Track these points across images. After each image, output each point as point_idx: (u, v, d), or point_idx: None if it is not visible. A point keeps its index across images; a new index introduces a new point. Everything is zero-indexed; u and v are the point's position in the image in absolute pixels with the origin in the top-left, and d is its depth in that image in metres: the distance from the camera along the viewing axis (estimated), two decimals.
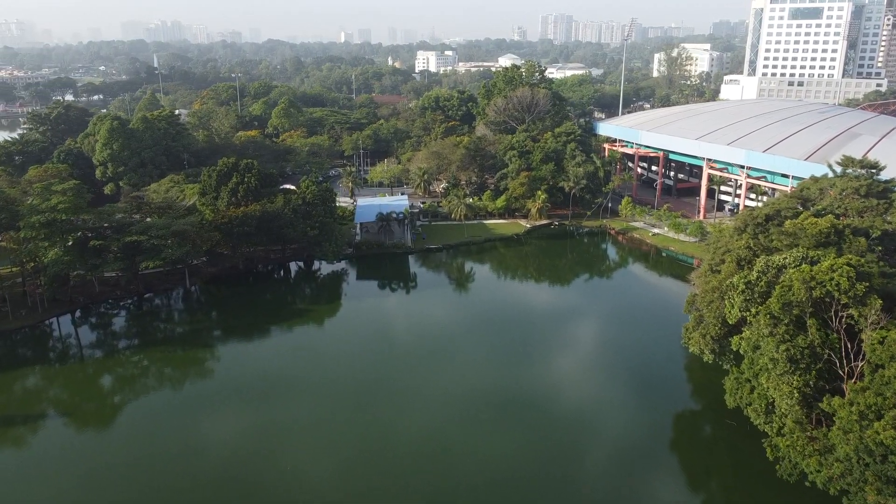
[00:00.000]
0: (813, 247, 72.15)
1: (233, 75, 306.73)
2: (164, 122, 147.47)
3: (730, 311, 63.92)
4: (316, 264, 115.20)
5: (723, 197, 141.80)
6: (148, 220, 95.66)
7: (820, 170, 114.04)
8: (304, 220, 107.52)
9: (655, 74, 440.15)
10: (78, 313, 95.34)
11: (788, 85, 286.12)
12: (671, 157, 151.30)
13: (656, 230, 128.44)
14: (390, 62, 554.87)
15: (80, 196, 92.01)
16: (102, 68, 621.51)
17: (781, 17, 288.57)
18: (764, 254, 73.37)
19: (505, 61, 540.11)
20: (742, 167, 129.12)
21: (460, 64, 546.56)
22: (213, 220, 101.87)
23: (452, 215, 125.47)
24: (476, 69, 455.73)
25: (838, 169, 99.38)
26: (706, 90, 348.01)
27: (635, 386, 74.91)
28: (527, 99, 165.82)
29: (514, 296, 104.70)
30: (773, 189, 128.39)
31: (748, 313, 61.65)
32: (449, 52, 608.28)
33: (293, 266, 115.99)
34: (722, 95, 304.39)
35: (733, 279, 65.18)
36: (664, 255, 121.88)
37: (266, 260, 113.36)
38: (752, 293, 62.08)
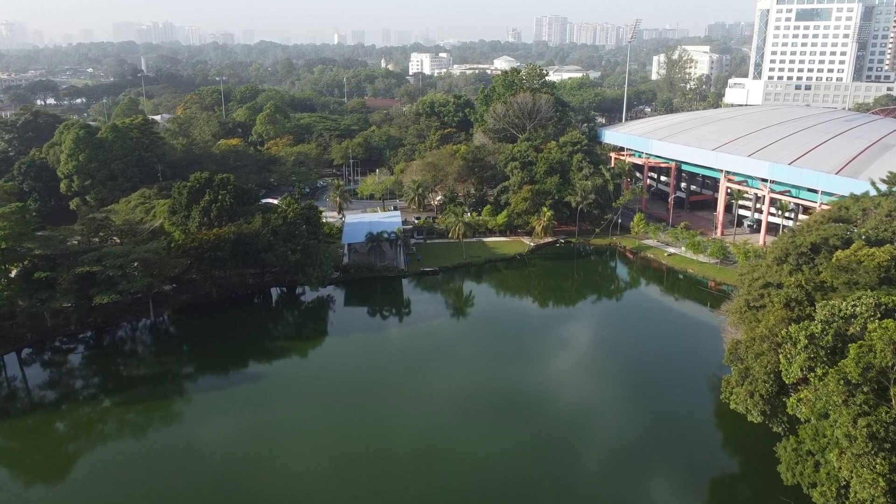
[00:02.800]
0: (875, 284, 61.67)
1: (217, 78, 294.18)
2: (137, 130, 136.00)
3: (787, 369, 53.17)
4: (299, 288, 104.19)
5: (742, 212, 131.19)
6: (106, 246, 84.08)
7: (854, 185, 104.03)
8: (284, 242, 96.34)
9: (654, 77, 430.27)
10: (26, 351, 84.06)
11: (795, 89, 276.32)
12: (684, 167, 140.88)
13: (672, 250, 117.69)
14: (383, 64, 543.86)
15: (24, 221, 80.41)
16: (90, 70, 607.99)
17: (788, 19, 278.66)
18: (818, 293, 62.73)
19: (501, 63, 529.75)
20: (765, 180, 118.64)
21: (455, 66, 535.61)
22: (182, 245, 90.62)
23: (450, 235, 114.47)
24: (471, 71, 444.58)
25: (882, 186, 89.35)
26: (709, 94, 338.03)
27: (662, 439, 64.59)
28: (528, 105, 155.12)
29: (518, 325, 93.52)
30: (799, 204, 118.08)
31: (812, 374, 51.00)
32: (443, 54, 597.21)
33: (274, 291, 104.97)
34: (726, 99, 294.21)
35: (790, 329, 54.42)
36: (681, 277, 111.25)
37: (243, 285, 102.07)
38: (816, 349, 51.40)
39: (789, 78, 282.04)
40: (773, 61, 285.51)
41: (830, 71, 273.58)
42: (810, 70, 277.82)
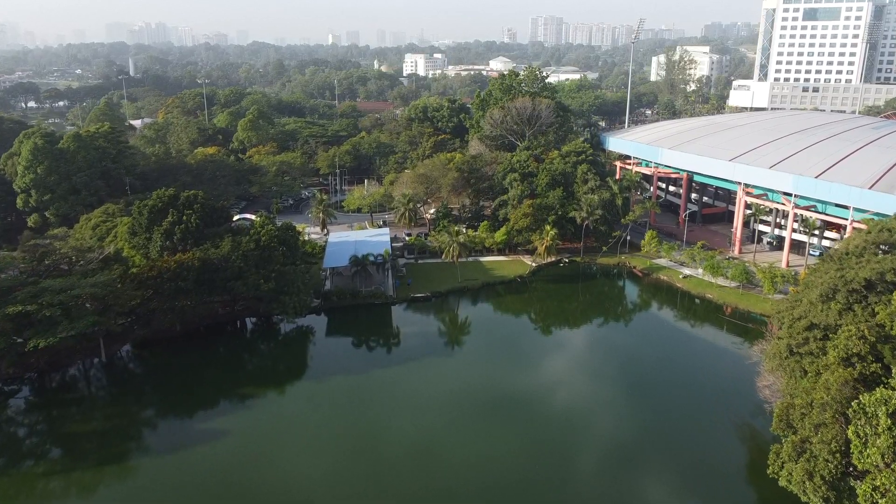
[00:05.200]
0: None
1: (198, 81, 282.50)
2: (103, 139, 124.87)
3: (861, 452, 42.73)
4: (276, 317, 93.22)
5: (760, 227, 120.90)
6: (45, 279, 73.00)
7: (890, 202, 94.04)
8: (257, 268, 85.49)
9: (653, 78, 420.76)
10: None
11: (803, 91, 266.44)
12: (696, 178, 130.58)
13: (687, 271, 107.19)
14: (377, 65, 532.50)
15: None
16: (79, 72, 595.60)
17: (795, 18, 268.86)
18: (886, 346, 52.19)
19: (496, 64, 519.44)
20: (788, 194, 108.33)
21: (450, 67, 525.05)
22: (138, 275, 79.71)
23: (444, 256, 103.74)
24: (466, 73, 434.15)
25: None
26: (710, 96, 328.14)
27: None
28: (527, 110, 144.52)
29: (519, 362, 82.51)
30: (826, 221, 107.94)
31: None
32: (438, 55, 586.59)
33: (248, 321, 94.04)
34: (730, 102, 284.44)
35: (862, 399, 43.98)
36: (698, 302, 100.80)
37: (212, 315, 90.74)
38: None
39: (796, 80, 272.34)
40: (779, 62, 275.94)
41: (839, 72, 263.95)
42: (818, 71, 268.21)
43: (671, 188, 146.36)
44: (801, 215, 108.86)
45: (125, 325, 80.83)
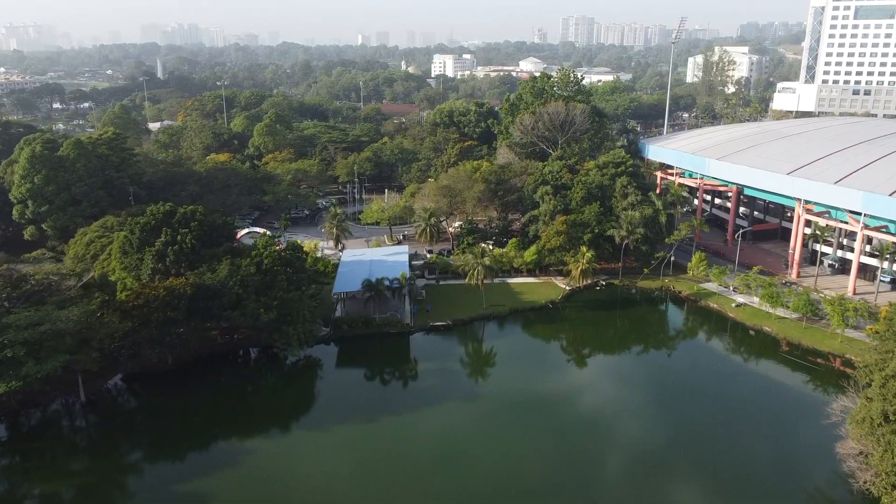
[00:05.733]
0: None
1: (218, 83, 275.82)
2: (105, 146, 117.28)
3: None
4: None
5: (821, 247, 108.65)
6: (15, 310, 64.60)
7: None
8: (257, 295, 76.40)
9: (689, 80, 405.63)
10: None
11: (853, 94, 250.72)
12: (746, 191, 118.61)
13: (741, 299, 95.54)
14: (404, 66, 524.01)
15: None
16: (109, 72, 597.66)
17: (846, 17, 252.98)
18: None
19: (527, 65, 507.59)
20: (856, 213, 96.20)
21: (479, 68, 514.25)
22: (122, 304, 71.10)
23: (468, 279, 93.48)
24: (496, 74, 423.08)
25: None
26: (752, 99, 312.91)
27: None
28: (560, 116, 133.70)
29: (552, 406, 71.89)
30: None
31: None
32: (467, 56, 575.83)
33: (251, 350, 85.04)
34: (774, 105, 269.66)
35: None
36: (752, 334, 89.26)
37: (209, 346, 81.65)
38: None
39: (845, 82, 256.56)
40: (827, 63, 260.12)
41: (893, 74, 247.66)
42: (870, 73, 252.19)
43: (716, 200, 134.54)
44: (871, 237, 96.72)
45: (112, 357, 72.60)
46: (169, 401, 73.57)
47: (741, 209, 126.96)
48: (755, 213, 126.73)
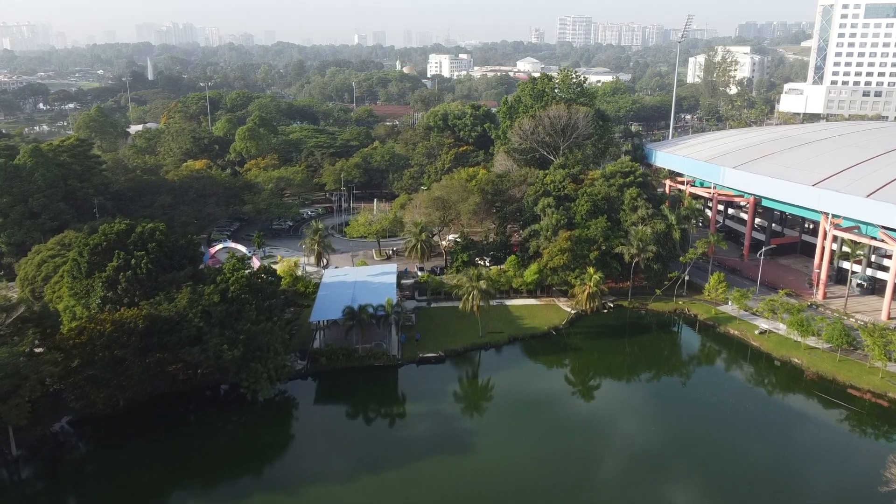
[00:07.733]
0: None
1: (201, 84, 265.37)
2: (67, 154, 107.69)
3: None
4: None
5: (849, 265, 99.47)
6: None
7: None
8: (221, 328, 66.92)
9: (690, 80, 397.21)
10: None
11: (863, 96, 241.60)
12: (764, 202, 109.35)
13: (765, 325, 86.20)
14: (399, 66, 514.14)
15: None
16: (100, 72, 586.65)
17: (856, 16, 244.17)
18: None
19: (524, 65, 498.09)
20: (890, 229, 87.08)
21: (475, 68, 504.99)
22: (60, 342, 61.60)
23: (462, 306, 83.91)
24: (493, 74, 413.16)
25: None
26: (756, 100, 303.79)
27: None
28: (562, 120, 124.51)
29: (558, 453, 62.80)
30: None
31: None
32: (463, 56, 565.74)
33: (216, 388, 75.47)
34: (781, 107, 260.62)
35: None
36: (778, 364, 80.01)
37: (167, 384, 72.12)
38: None
39: (855, 83, 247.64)
40: (836, 64, 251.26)
41: None
42: (881, 74, 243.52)
43: (729, 210, 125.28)
44: None
45: (56, 397, 63.30)
46: (118, 452, 64.23)
47: (756, 220, 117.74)
48: (772, 224, 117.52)
